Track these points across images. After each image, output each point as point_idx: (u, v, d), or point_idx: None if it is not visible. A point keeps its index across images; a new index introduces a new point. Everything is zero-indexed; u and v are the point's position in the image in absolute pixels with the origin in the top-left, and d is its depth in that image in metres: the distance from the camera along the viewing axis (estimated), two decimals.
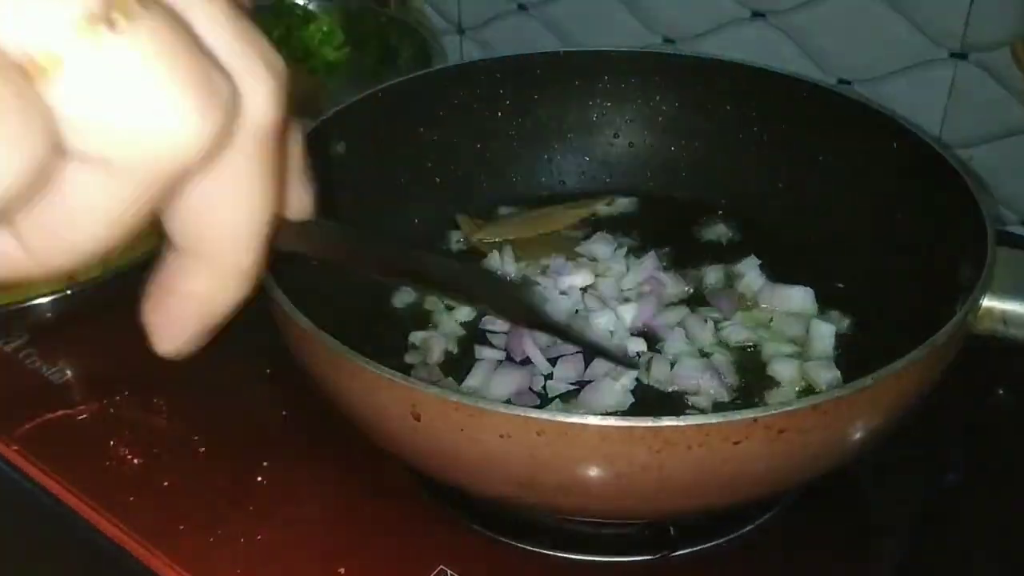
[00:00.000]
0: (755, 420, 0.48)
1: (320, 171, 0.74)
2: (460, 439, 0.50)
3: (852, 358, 0.71)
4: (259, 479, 0.71)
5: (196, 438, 0.74)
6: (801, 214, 0.82)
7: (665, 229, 0.85)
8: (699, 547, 0.63)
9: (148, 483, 0.70)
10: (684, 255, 0.82)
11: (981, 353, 0.59)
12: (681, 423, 0.47)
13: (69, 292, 0.78)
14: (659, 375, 0.69)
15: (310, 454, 0.73)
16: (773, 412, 0.48)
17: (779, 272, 0.79)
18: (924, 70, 0.90)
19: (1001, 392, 0.78)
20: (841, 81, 0.95)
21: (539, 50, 0.87)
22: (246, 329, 0.69)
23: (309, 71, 1.11)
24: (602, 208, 0.88)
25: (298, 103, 0.83)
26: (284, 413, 0.76)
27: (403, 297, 0.79)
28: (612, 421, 0.48)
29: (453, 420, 0.50)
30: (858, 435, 0.52)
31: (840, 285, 0.77)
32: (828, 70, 0.95)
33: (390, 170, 0.83)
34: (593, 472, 0.50)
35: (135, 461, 0.73)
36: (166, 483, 0.71)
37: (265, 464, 0.72)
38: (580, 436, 0.48)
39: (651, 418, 0.48)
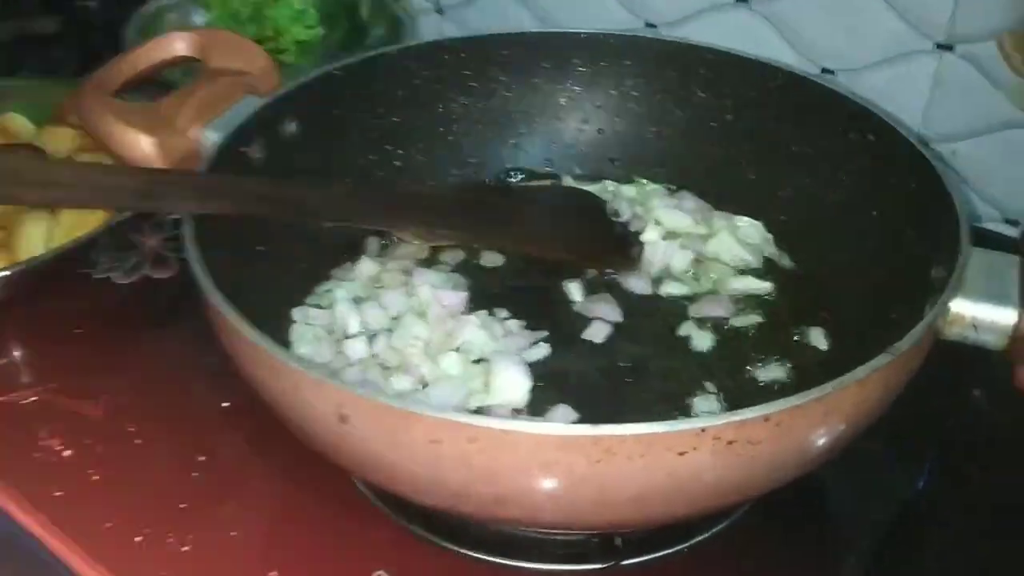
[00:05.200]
0: (702, 430, 0.45)
1: (270, 150, 0.73)
2: (389, 444, 0.47)
3: (821, 359, 0.68)
4: (194, 474, 0.67)
5: (132, 429, 0.71)
6: (772, 205, 0.79)
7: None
8: (651, 555, 0.60)
9: (77, 476, 0.67)
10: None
11: (955, 351, 0.55)
12: (622, 431, 0.44)
13: (8, 272, 0.74)
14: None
15: (249, 450, 0.70)
16: (721, 422, 0.45)
17: None
18: (908, 61, 0.87)
19: (976, 393, 0.75)
20: (824, 70, 0.92)
21: (522, 29, 0.84)
22: (191, 316, 0.67)
23: (279, 51, 1.07)
24: None
25: (253, 80, 0.78)
26: (224, 405, 0.73)
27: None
28: (550, 429, 0.45)
29: (382, 424, 0.47)
30: (815, 446, 0.49)
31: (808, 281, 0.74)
32: (811, 58, 0.92)
33: (345, 153, 0.79)
34: (530, 483, 0.46)
35: (65, 453, 0.69)
36: (96, 477, 0.67)
37: (201, 459, 0.69)
38: (516, 444, 0.45)
39: (590, 426, 0.44)
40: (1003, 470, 0.69)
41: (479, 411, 0.63)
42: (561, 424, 0.44)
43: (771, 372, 0.67)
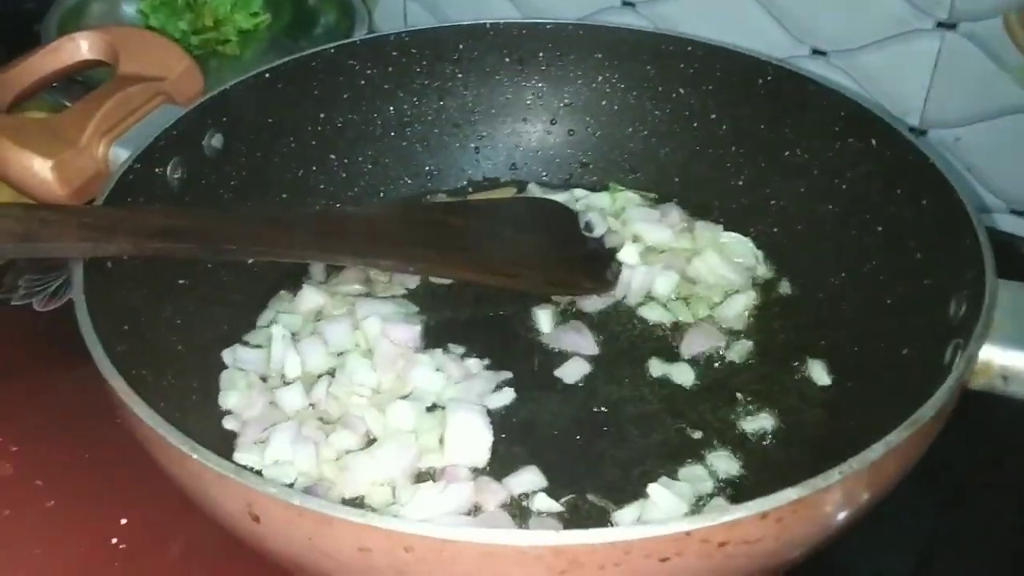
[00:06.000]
0: (687, 534, 0.37)
1: (190, 170, 0.65)
2: (310, 549, 0.39)
3: (823, 400, 0.61)
4: (113, 541, 0.59)
5: (44, 487, 0.63)
6: (763, 216, 0.71)
7: None
8: None
9: None
10: None
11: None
12: (592, 540, 0.36)
13: None
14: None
15: (182, 510, 0.61)
16: (711, 523, 0.37)
17: None
18: (907, 41, 0.80)
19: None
20: (815, 52, 0.85)
21: (487, 19, 0.75)
22: None
23: (219, 42, 0.98)
24: None
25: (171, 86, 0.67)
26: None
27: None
28: (501, 537, 0.37)
29: (298, 527, 0.39)
30: (823, 535, 0.41)
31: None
32: (801, 39, 0.85)
33: (281, 166, 0.71)
34: None
35: None
36: (1, 550, 0.59)
37: (123, 523, 0.60)
38: (459, 556, 0.37)
39: (552, 532, 0.36)
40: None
41: (429, 475, 0.55)
42: (513, 532, 0.36)
43: (761, 421, 0.59)
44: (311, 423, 0.57)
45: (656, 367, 0.63)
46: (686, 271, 0.69)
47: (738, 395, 0.61)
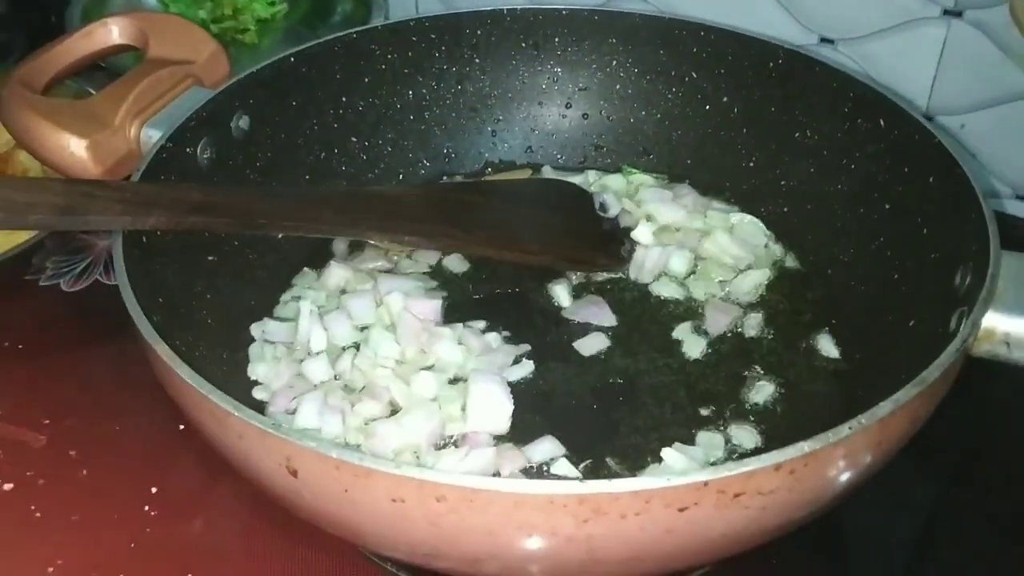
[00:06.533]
0: (705, 484, 0.39)
1: (219, 149, 0.67)
2: (345, 501, 0.41)
3: (833, 369, 0.62)
4: (146, 508, 0.61)
5: (77, 458, 0.65)
6: (773, 196, 0.73)
7: None
8: None
9: (18, 513, 0.61)
10: None
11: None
12: (614, 488, 0.38)
13: None
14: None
15: (208, 478, 0.63)
16: (727, 474, 0.39)
17: None
18: (914, 29, 0.81)
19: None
20: (823, 40, 0.86)
21: (499, 6, 0.77)
22: None
23: (238, 31, 0.99)
24: None
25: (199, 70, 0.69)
26: (181, 427, 0.66)
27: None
28: (529, 487, 0.39)
29: (335, 480, 0.40)
30: (834, 490, 0.43)
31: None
32: (809, 27, 0.86)
33: (304, 148, 0.72)
34: (507, 545, 0.40)
35: (5, 487, 0.63)
36: (39, 514, 0.61)
37: (154, 491, 0.63)
38: (489, 504, 0.39)
39: (576, 482, 0.38)
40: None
41: (454, 441, 0.57)
42: (541, 482, 0.38)
43: (771, 391, 0.61)
44: (337, 393, 0.59)
45: (670, 340, 0.64)
46: (699, 250, 0.70)
47: (749, 367, 0.62)
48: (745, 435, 0.58)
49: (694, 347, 0.64)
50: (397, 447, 0.56)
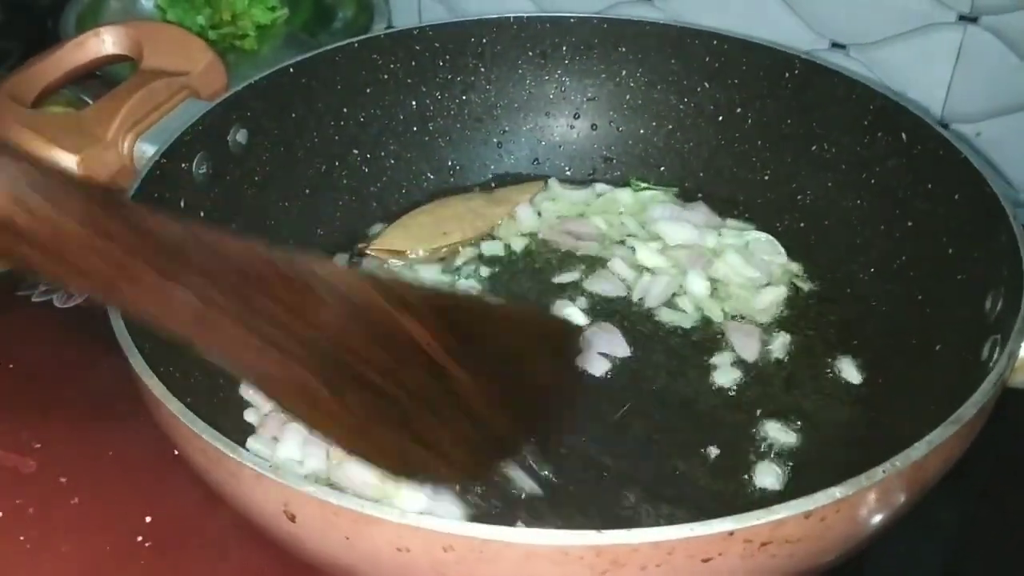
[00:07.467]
0: (730, 534, 0.36)
1: (216, 164, 0.64)
2: (347, 549, 0.39)
3: (855, 396, 0.60)
4: (139, 539, 0.59)
5: (69, 485, 0.62)
6: (789, 211, 0.70)
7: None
8: None
9: (6, 542, 0.58)
10: None
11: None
12: (634, 539, 0.36)
13: None
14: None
15: (205, 508, 0.61)
16: (755, 523, 0.36)
17: None
18: (928, 34, 0.79)
19: None
20: (835, 46, 0.84)
21: (505, 13, 0.74)
22: None
23: (237, 37, 0.97)
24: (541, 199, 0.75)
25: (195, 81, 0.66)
26: (177, 452, 0.64)
27: None
28: (542, 538, 0.36)
29: (335, 526, 0.38)
30: (864, 534, 0.41)
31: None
32: (820, 33, 0.84)
33: (305, 161, 0.70)
34: None
35: None
36: (28, 545, 0.59)
37: (148, 520, 0.60)
38: (499, 555, 0.36)
39: (594, 532, 0.36)
40: None
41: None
42: (555, 532, 0.36)
43: (791, 419, 0.58)
44: None
45: (687, 367, 0.62)
46: (710, 271, 0.68)
47: (767, 393, 0.60)
48: (767, 470, 0.55)
49: (726, 376, 0.61)
50: (367, 480, 0.53)
